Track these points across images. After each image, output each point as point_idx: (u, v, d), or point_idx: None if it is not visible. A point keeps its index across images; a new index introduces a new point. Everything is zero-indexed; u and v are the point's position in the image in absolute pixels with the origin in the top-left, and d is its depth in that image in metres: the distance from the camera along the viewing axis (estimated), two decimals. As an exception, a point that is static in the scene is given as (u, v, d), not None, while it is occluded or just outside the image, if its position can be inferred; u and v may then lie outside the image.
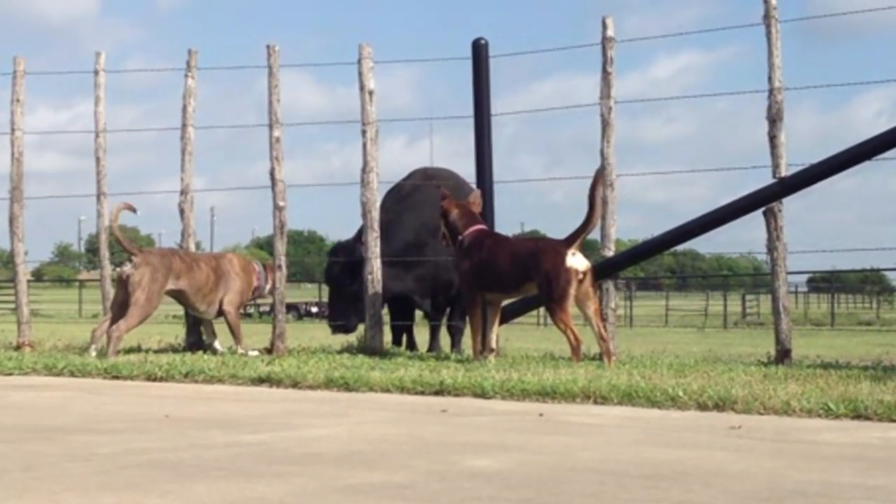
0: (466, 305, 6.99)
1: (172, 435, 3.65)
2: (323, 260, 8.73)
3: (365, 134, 7.54)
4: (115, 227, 7.29)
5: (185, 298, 7.44)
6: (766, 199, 6.65)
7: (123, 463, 3.02)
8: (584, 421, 4.05)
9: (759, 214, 6.68)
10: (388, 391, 5.11)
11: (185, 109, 7.95)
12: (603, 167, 6.91)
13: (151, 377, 5.88)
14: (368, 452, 3.24)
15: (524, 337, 12.96)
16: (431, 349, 8.13)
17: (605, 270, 6.96)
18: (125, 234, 7.42)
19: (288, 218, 7.66)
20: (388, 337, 7.92)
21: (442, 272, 7.94)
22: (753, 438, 3.57)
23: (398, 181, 8.34)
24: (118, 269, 7.37)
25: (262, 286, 7.79)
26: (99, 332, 7.18)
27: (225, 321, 7.61)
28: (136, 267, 7.10)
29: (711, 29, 30.51)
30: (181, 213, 7.92)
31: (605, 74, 7.12)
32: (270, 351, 7.45)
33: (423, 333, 8.65)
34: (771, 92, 6.62)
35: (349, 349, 7.53)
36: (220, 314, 7.58)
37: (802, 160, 6.76)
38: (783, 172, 6.59)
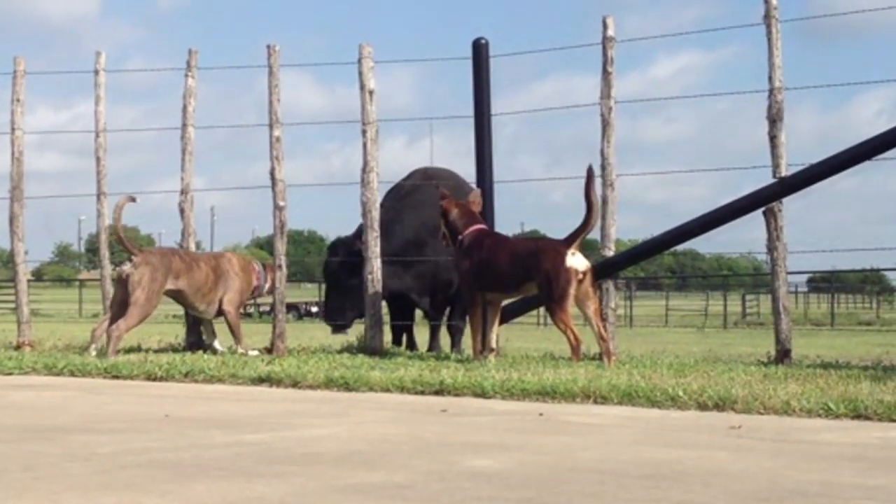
0: (466, 305, 6.99)
1: (172, 435, 3.65)
2: (323, 259, 8.72)
3: (365, 134, 7.54)
4: (118, 223, 7.29)
5: (184, 298, 7.44)
6: (766, 198, 6.65)
7: (123, 463, 3.02)
8: (584, 421, 4.05)
9: (759, 214, 6.68)
10: (388, 391, 5.11)
11: (185, 109, 7.95)
12: (592, 165, 6.88)
13: (151, 377, 5.88)
14: (368, 452, 3.24)
15: (524, 337, 12.95)
16: (431, 349, 8.13)
17: (604, 270, 6.96)
18: (125, 233, 7.42)
19: (288, 218, 7.66)
20: (388, 337, 7.92)
21: (441, 271, 7.94)
22: (753, 438, 3.57)
23: (398, 181, 8.34)
24: (118, 268, 7.37)
25: (261, 286, 7.79)
26: (99, 331, 7.18)
27: (225, 321, 7.61)
28: (135, 266, 7.10)
29: (711, 29, 30.48)
30: (181, 212, 7.92)
31: (605, 74, 7.11)
32: (270, 351, 7.45)
33: (423, 333, 8.65)
34: (771, 92, 6.62)
35: (349, 349, 7.53)
36: (219, 314, 7.58)
37: (802, 160, 6.77)
38: (783, 172, 6.59)
